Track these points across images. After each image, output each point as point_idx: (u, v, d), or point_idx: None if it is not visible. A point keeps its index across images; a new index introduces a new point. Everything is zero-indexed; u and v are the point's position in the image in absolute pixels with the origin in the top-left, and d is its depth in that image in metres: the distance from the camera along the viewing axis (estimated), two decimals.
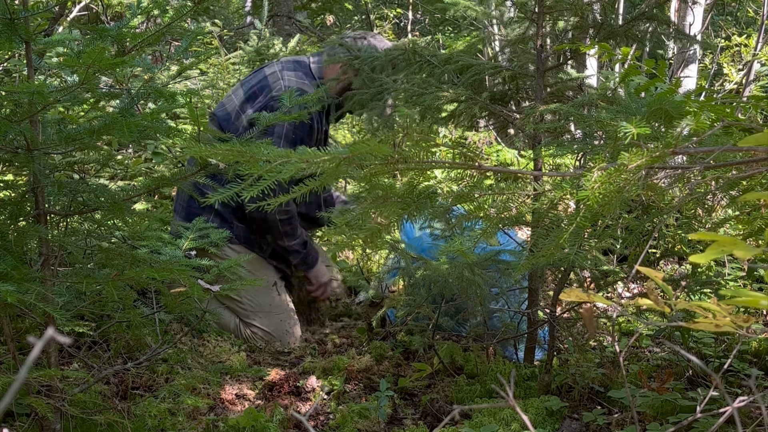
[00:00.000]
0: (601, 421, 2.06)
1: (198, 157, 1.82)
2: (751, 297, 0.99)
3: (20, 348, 2.25)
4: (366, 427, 2.19)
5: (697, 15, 4.38)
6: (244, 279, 2.19)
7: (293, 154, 1.38)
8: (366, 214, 1.72)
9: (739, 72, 5.22)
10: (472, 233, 1.98)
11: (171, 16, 1.83)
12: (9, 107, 1.75)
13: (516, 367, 2.47)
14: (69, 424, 1.94)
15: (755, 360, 2.49)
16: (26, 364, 0.60)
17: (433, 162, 1.56)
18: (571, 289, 1.23)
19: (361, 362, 2.59)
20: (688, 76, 4.43)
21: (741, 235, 2.27)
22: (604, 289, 2.62)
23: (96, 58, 1.51)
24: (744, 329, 1.13)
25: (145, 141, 3.97)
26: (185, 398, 2.23)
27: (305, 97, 2.11)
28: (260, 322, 2.93)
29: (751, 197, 1.13)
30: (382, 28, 7.93)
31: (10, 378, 1.77)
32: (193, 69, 4.55)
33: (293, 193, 1.56)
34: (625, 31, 2.47)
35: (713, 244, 0.97)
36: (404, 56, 2.57)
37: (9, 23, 1.62)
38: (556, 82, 2.58)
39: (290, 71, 3.01)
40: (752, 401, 1.57)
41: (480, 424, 2.09)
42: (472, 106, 2.50)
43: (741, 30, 6.06)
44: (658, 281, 1.20)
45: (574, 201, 1.65)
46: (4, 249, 1.65)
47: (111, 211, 1.86)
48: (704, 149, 1.43)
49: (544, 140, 2.48)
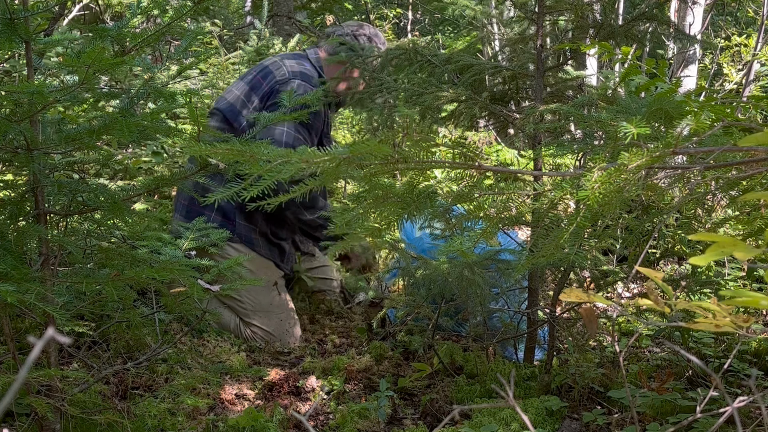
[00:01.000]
0: (601, 421, 2.06)
1: (198, 157, 1.82)
2: (751, 297, 0.99)
3: (20, 348, 2.25)
4: (366, 427, 2.19)
5: (697, 15, 4.38)
6: (244, 278, 2.19)
7: (293, 153, 1.38)
8: (366, 214, 1.72)
9: (739, 72, 5.22)
10: (471, 233, 1.98)
11: (171, 16, 1.83)
12: (9, 107, 1.74)
13: (516, 367, 2.47)
14: (69, 424, 1.94)
15: (755, 360, 2.49)
16: (26, 364, 0.60)
17: (433, 162, 1.56)
18: (571, 289, 1.23)
19: (361, 362, 2.59)
20: (688, 76, 4.43)
21: (741, 235, 2.27)
22: (604, 289, 2.62)
23: (96, 58, 1.51)
24: (744, 329, 1.13)
25: (145, 141, 3.97)
26: (185, 398, 2.23)
27: (312, 94, 2.12)
28: (260, 321, 2.93)
29: (751, 197, 1.13)
30: (382, 28, 7.93)
31: (10, 378, 1.77)
32: (193, 69, 4.56)
33: (293, 192, 1.56)
34: (625, 31, 2.47)
35: (713, 244, 0.97)
36: (405, 56, 2.57)
37: (9, 23, 1.62)
38: (556, 81, 2.58)
39: (290, 59, 3.03)
40: (752, 401, 1.57)
41: (480, 424, 2.09)
42: (472, 106, 2.50)
43: (741, 30, 6.06)
44: (658, 281, 1.20)
45: (574, 201, 1.65)
46: (4, 249, 1.65)
47: (111, 211, 1.86)
48: (704, 149, 1.43)
49: (544, 140, 2.49)
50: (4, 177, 2.58)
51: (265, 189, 1.41)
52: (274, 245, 3.05)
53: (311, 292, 3.34)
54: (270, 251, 3.03)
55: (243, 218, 2.95)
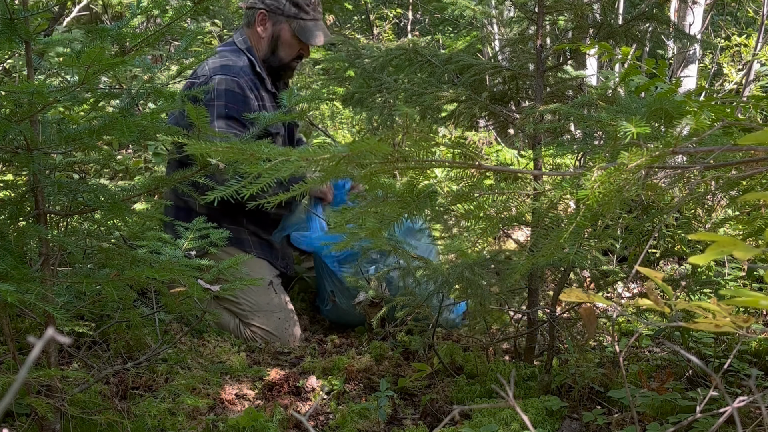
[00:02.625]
0: (601, 421, 2.06)
1: (198, 156, 1.83)
2: (751, 297, 0.99)
3: (20, 348, 2.25)
4: (366, 427, 2.19)
5: (697, 15, 4.38)
6: (241, 279, 2.18)
7: (293, 152, 1.38)
8: (366, 213, 1.72)
9: (739, 72, 5.22)
10: (471, 233, 1.98)
11: (171, 16, 1.84)
12: (9, 107, 1.74)
13: (516, 367, 2.47)
14: (69, 424, 1.94)
15: (755, 360, 2.49)
16: (26, 364, 0.60)
17: (432, 161, 1.56)
18: (571, 289, 1.23)
19: (361, 362, 2.59)
20: (688, 76, 4.43)
21: (741, 235, 2.27)
22: (604, 289, 2.62)
23: (96, 58, 1.51)
24: (744, 329, 1.13)
25: (145, 141, 3.97)
26: (185, 398, 2.23)
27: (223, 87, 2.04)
28: (259, 321, 2.92)
29: (751, 197, 1.13)
30: (382, 28, 7.94)
31: (10, 378, 1.77)
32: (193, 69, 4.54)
33: (293, 191, 1.56)
34: (625, 31, 2.47)
35: (713, 244, 0.97)
36: (405, 56, 2.57)
37: (9, 23, 1.62)
38: (556, 81, 2.58)
39: (214, 57, 3.00)
40: (752, 401, 1.57)
41: (480, 424, 2.09)
42: (472, 106, 2.50)
43: (741, 30, 6.06)
44: (657, 281, 1.20)
45: (574, 201, 1.65)
46: (4, 249, 1.65)
47: (111, 211, 1.86)
48: (704, 149, 1.43)
49: (544, 140, 2.49)
50: (4, 177, 2.58)
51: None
52: (264, 242, 3.04)
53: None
54: (262, 250, 3.02)
55: (229, 221, 2.91)
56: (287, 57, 3.07)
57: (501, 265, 2.47)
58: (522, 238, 3.81)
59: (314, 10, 3.04)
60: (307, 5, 3.02)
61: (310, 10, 3.03)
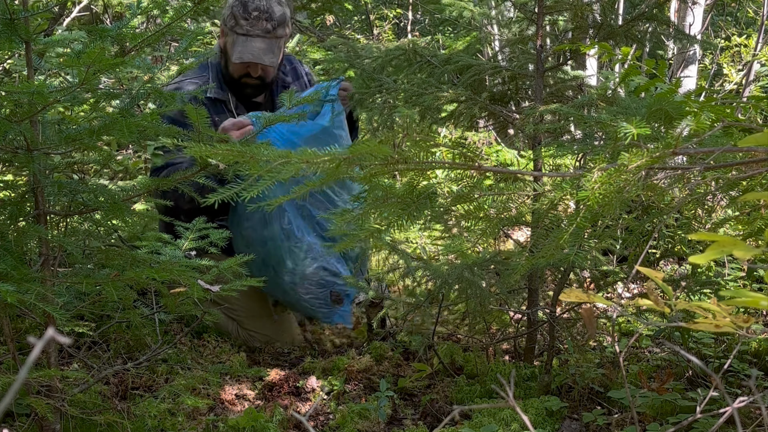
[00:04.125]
0: (601, 421, 2.06)
1: (198, 157, 1.83)
2: (751, 297, 0.99)
3: (20, 348, 2.25)
4: (366, 428, 2.19)
5: (697, 15, 4.38)
6: (233, 282, 2.16)
7: (293, 154, 1.38)
8: (366, 215, 1.72)
9: (739, 72, 5.22)
10: (471, 233, 1.98)
11: (171, 17, 1.84)
12: (9, 107, 1.75)
13: (516, 367, 2.47)
14: (69, 425, 1.94)
15: (755, 360, 2.49)
16: (26, 364, 0.60)
17: (433, 162, 1.56)
18: (571, 290, 1.23)
19: (361, 362, 2.59)
20: (688, 76, 4.43)
21: (741, 235, 2.27)
22: (604, 290, 2.62)
23: (96, 58, 1.51)
24: (744, 329, 1.13)
25: (145, 141, 3.97)
26: (185, 398, 2.23)
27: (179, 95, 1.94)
28: (254, 325, 2.90)
29: (751, 197, 1.13)
30: (381, 28, 7.93)
31: (10, 378, 1.77)
32: None
33: (293, 193, 1.56)
34: (625, 31, 2.47)
35: (713, 244, 0.97)
36: (404, 56, 2.57)
37: (9, 23, 1.62)
38: (556, 82, 2.58)
39: (181, 77, 2.91)
40: (752, 401, 1.57)
41: (480, 425, 2.09)
42: (472, 106, 2.50)
43: (741, 30, 6.06)
44: (658, 281, 1.20)
45: (574, 201, 1.65)
46: (4, 249, 1.65)
47: (111, 211, 1.86)
48: (704, 150, 1.43)
49: (544, 141, 2.49)
50: (4, 177, 2.58)
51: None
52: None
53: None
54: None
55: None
56: (236, 73, 2.86)
57: (501, 265, 2.47)
58: (522, 239, 3.81)
59: (251, 24, 2.76)
60: (244, 18, 2.76)
61: (244, 24, 2.76)
